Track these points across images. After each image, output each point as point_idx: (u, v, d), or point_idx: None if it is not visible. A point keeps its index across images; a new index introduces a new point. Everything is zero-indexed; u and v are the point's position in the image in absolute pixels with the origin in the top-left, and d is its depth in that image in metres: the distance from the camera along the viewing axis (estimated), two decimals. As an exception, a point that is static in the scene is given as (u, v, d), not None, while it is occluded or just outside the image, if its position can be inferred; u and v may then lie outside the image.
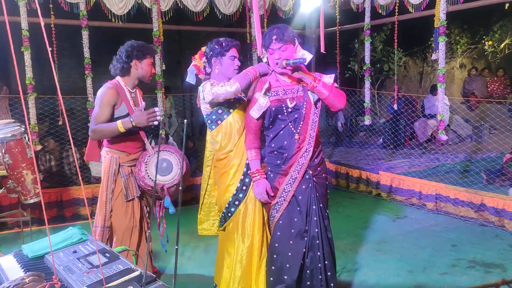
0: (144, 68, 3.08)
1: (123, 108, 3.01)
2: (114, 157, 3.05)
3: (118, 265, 1.92)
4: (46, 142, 6.11)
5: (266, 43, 2.64)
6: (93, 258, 2.08)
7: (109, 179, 3.04)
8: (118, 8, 5.72)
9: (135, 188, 3.11)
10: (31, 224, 4.37)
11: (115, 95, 2.96)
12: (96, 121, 2.93)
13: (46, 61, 1.60)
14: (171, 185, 2.94)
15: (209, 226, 3.11)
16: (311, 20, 7.28)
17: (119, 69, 3.04)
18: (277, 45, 2.59)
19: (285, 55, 2.60)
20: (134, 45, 3.04)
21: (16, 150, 3.23)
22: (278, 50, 2.59)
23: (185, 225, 4.77)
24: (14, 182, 3.32)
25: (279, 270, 2.68)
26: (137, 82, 3.14)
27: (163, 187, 2.94)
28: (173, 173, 2.96)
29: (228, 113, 2.79)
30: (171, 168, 2.96)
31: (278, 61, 2.60)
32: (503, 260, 3.93)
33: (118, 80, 3.07)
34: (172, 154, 3.00)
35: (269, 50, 2.63)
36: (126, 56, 3.00)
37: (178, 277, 3.66)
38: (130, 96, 3.07)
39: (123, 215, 3.09)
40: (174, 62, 10.66)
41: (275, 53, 2.60)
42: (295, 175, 2.68)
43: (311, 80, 2.60)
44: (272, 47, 2.60)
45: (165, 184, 2.94)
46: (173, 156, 2.99)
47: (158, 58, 5.97)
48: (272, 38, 2.59)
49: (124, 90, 3.04)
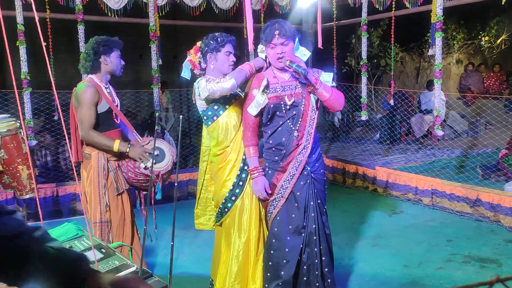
0: (113, 62, 3.09)
1: (104, 104, 3.02)
2: (101, 153, 3.04)
3: (114, 260, 1.92)
4: (42, 138, 6.09)
5: (267, 37, 2.60)
6: (89, 253, 2.08)
7: (100, 174, 3.03)
8: (115, 3, 5.68)
9: (123, 181, 3.13)
10: (27, 219, 4.36)
11: (96, 93, 2.96)
12: (88, 124, 2.92)
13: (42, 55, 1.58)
14: (165, 171, 3.04)
15: (205, 221, 3.11)
16: (308, 15, 7.26)
17: (89, 68, 3.04)
18: (279, 40, 2.57)
19: (287, 50, 2.59)
20: (99, 41, 3.05)
21: (12, 145, 3.22)
22: (281, 45, 2.58)
23: (181, 220, 4.76)
24: (10, 177, 3.31)
25: (276, 266, 2.69)
26: (109, 77, 3.16)
27: (159, 173, 3.01)
28: (166, 160, 3.04)
29: (224, 109, 2.78)
30: (163, 155, 3.04)
31: (281, 56, 2.58)
32: (498, 255, 3.95)
33: (92, 77, 3.06)
34: (163, 142, 3.10)
35: (270, 45, 2.60)
36: (94, 53, 3.00)
37: (175, 272, 3.67)
38: (106, 92, 3.08)
39: (115, 209, 3.10)
40: (171, 57, 10.63)
41: (277, 48, 2.59)
42: (293, 171, 2.68)
43: (312, 82, 2.59)
44: (274, 42, 2.58)
45: (160, 170, 3.01)
46: (163, 144, 3.08)
47: (154, 53, 5.94)
48: (275, 33, 2.57)
49: (100, 86, 3.04)
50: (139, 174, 3.05)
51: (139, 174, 3.04)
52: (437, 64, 5.24)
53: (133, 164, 3.04)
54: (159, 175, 3.02)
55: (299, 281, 2.74)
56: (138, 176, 3.06)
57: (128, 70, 11.11)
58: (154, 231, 3.33)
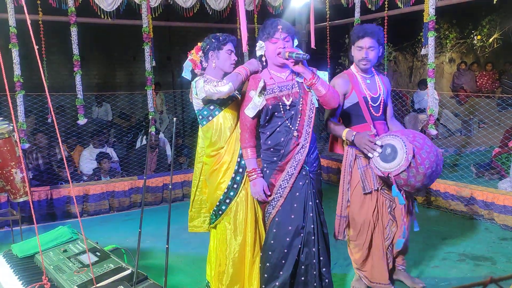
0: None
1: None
2: (351, 149, 3.01)
3: (109, 264, 1.91)
4: (36, 140, 6.06)
5: (269, 32, 2.61)
6: (83, 257, 2.07)
7: (346, 170, 3.01)
8: (107, 4, 5.67)
9: (372, 180, 2.98)
10: (21, 222, 4.33)
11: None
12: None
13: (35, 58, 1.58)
14: (397, 173, 2.62)
15: (200, 223, 3.10)
16: (301, 15, 7.27)
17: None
18: (282, 35, 2.60)
19: (289, 46, 2.62)
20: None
21: (5, 149, 3.21)
22: (283, 40, 2.60)
23: (177, 222, 4.75)
24: (3, 181, 3.29)
25: (274, 267, 2.68)
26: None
27: (388, 175, 2.67)
28: (398, 159, 2.61)
29: (220, 110, 2.78)
30: (395, 154, 2.63)
31: (281, 50, 2.59)
32: (492, 253, 3.98)
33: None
34: (396, 138, 2.67)
35: (272, 39, 2.61)
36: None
37: (170, 274, 3.66)
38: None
39: (359, 207, 3.03)
40: (164, 58, 10.62)
41: (279, 43, 2.60)
42: (292, 171, 2.68)
43: (310, 76, 2.60)
44: (276, 36, 2.59)
45: (390, 172, 2.64)
46: (397, 140, 2.65)
47: (147, 54, 5.94)
48: (278, 28, 2.59)
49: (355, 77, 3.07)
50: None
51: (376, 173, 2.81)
52: (430, 63, 5.27)
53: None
54: (390, 176, 2.66)
55: (297, 281, 2.74)
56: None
57: (121, 71, 11.16)
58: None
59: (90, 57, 9.36)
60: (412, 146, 2.59)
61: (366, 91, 2.98)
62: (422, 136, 2.73)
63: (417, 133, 2.77)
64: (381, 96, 3.01)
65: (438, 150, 2.70)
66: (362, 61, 2.94)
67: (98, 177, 6.01)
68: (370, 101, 2.97)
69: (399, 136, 2.66)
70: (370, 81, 3.01)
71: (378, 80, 3.06)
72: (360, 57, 2.93)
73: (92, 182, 5.83)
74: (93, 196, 5.66)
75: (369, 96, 2.97)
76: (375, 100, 2.99)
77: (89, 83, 9.63)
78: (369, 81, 3.01)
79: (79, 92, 5.66)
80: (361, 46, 2.91)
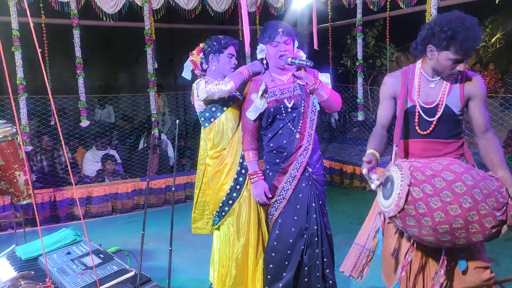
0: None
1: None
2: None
3: (113, 266, 1.92)
4: (39, 142, 6.08)
5: (270, 35, 2.62)
6: (87, 259, 2.07)
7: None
8: (109, 7, 5.68)
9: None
10: (25, 225, 4.34)
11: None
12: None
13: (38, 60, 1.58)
14: (389, 216, 1.98)
15: (203, 225, 3.10)
16: (303, 16, 7.27)
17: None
18: (283, 38, 2.60)
19: (289, 49, 2.62)
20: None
21: (8, 151, 3.21)
22: (284, 43, 2.60)
23: (179, 223, 4.76)
24: (7, 183, 3.29)
25: (278, 268, 2.68)
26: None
27: (380, 212, 2.14)
28: (391, 199, 1.96)
29: (222, 111, 2.78)
30: (391, 191, 1.98)
31: (283, 53, 2.59)
32: (496, 253, 3.96)
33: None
34: (398, 171, 1.96)
35: (273, 43, 2.61)
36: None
37: (173, 276, 3.66)
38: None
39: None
40: (166, 60, 10.63)
41: (280, 46, 2.61)
42: (295, 173, 2.68)
43: (312, 81, 2.60)
44: (277, 40, 2.60)
45: (384, 212, 2.02)
46: (398, 174, 1.96)
47: (150, 56, 5.94)
48: (279, 31, 2.59)
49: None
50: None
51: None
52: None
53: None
54: (382, 214, 2.12)
55: (300, 283, 2.73)
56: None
57: (123, 74, 11.17)
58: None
59: (92, 59, 9.36)
60: (411, 188, 1.89)
61: (417, 98, 2.23)
62: (454, 179, 1.88)
63: (452, 172, 1.91)
64: (439, 107, 2.18)
65: (485, 200, 1.85)
66: (453, 75, 2.15)
67: (102, 179, 6.03)
68: (419, 111, 2.22)
69: (403, 169, 1.95)
70: (434, 86, 2.22)
71: (447, 86, 2.19)
72: (452, 70, 2.12)
73: (95, 184, 5.84)
74: (96, 198, 5.67)
75: (419, 105, 2.22)
76: (429, 112, 2.20)
77: (92, 85, 9.64)
78: (433, 86, 2.22)
79: (81, 95, 5.67)
80: (455, 58, 2.07)
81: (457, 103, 2.18)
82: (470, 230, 1.87)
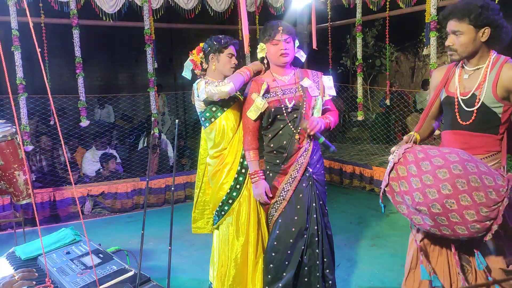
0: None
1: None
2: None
3: (112, 265, 1.92)
4: (38, 143, 6.08)
5: (270, 33, 2.62)
6: (86, 259, 2.08)
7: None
8: (109, 7, 5.68)
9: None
10: (24, 224, 4.34)
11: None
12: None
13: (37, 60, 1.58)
14: (382, 186, 2.10)
15: (203, 224, 3.10)
16: (303, 16, 7.26)
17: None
18: (283, 36, 2.60)
19: (290, 48, 2.63)
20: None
21: (8, 151, 3.21)
22: (284, 41, 2.60)
23: (179, 223, 4.76)
24: (6, 183, 3.29)
25: (278, 268, 2.69)
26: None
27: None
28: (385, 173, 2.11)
29: (222, 111, 2.78)
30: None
31: (284, 52, 2.60)
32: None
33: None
34: (397, 149, 2.08)
35: (273, 41, 2.62)
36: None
37: (173, 276, 3.66)
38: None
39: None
40: (166, 60, 10.63)
41: (280, 44, 2.61)
42: (295, 174, 2.68)
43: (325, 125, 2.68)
44: (277, 38, 2.60)
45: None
46: (396, 150, 2.09)
47: (149, 56, 5.94)
48: (279, 29, 2.60)
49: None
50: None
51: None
52: (432, 63, 5.26)
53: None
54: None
55: (300, 282, 2.74)
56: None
57: (123, 73, 11.18)
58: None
59: (92, 59, 9.37)
60: (398, 166, 2.02)
61: (456, 88, 2.20)
62: (441, 165, 1.92)
63: (444, 159, 1.93)
64: (476, 98, 2.12)
65: (468, 191, 1.84)
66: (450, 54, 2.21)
67: (102, 179, 6.03)
68: (459, 102, 2.18)
69: (399, 149, 2.07)
70: (468, 76, 2.19)
71: (488, 74, 2.12)
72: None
73: (94, 183, 5.84)
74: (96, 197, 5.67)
75: (455, 96, 2.19)
76: (468, 103, 2.15)
77: (92, 85, 9.64)
78: (467, 76, 2.19)
79: (81, 94, 5.68)
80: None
81: (489, 95, 2.10)
82: (450, 218, 1.89)
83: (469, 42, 2.11)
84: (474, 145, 2.17)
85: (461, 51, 2.14)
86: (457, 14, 2.11)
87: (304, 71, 2.81)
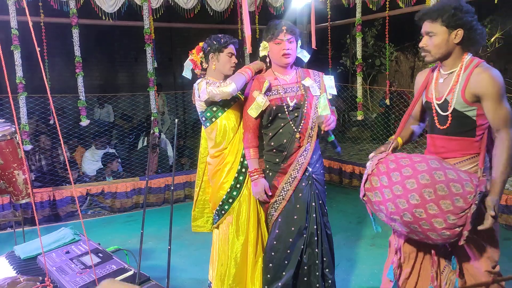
0: None
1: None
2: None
3: (112, 265, 1.92)
4: (37, 142, 6.08)
5: (274, 32, 2.62)
6: (86, 258, 2.08)
7: None
8: (109, 6, 5.68)
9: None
10: (24, 224, 4.34)
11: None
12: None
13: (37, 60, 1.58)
14: (362, 185, 2.23)
15: (203, 223, 3.11)
16: (302, 16, 7.27)
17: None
18: (287, 36, 2.60)
19: (292, 48, 2.63)
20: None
21: (7, 150, 3.21)
22: (287, 41, 2.60)
23: (178, 223, 4.76)
24: (6, 182, 3.29)
25: (277, 268, 2.69)
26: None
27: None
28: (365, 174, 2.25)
29: (223, 111, 2.78)
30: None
31: (286, 52, 2.59)
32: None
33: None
34: (371, 159, 2.22)
35: (276, 40, 2.61)
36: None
37: (173, 275, 3.66)
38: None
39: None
40: (166, 59, 10.63)
41: (283, 44, 2.60)
42: (295, 174, 2.68)
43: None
44: (280, 37, 2.60)
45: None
46: (370, 161, 2.22)
47: (149, 55, 5.94)
48: (282, 29, 2.60)
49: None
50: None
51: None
52: (432, 63, 5.26)
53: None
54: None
55: (299, 282, 2.74)
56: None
57: (123, 73, 11.17)
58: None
59: (92, 58, 9.37)
60: (371, 177, 2.11)
61: (432, 93, 2.23)
62: (409, 176, 1.98)
63: (413, 169, 1.99)
64: (448, 103, 2.13)
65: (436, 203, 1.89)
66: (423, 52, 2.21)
67: (102, 178, 6.03)
68: (435, 106, 2.21)
69: (373, 160, 2.16)
70: (443, 80, 2.20)
71: (459, 78, 2.12)
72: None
73: (94, 183, 5.84)
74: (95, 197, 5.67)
75: (432, 101, 2.23)
76: (442, 107, 2.17)
77: (91, 84, 9.63)
78: (442, 80, 2.21)
79: (81, 94, 5.67)
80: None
81: (459, 100, 2.10)
82: (422, 226, 1.94)
83: (442, 43, 2.11)
84: (451, 148, 2.18)
85: (434, 52, 2.14)
86: (431, 15, 2.12)
87: (306, 70, 2.81)
